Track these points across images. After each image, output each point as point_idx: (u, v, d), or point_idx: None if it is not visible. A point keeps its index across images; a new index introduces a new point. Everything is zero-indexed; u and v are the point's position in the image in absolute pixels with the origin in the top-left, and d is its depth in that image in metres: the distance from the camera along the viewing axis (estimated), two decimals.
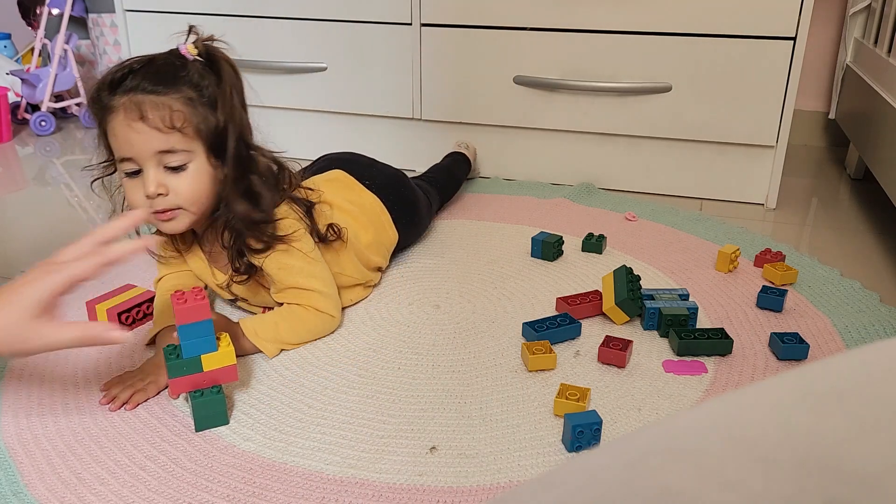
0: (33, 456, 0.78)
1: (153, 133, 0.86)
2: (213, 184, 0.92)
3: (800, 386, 0.25)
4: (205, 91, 0.89)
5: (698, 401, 0.88)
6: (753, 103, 1.48)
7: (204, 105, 0.89)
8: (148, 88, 0.87)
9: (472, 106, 1.67)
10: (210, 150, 0.90)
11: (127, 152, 0.88)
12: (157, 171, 0.88)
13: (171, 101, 0.87)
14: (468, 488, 0.73)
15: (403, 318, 1.06)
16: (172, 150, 0.87)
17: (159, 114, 0.86)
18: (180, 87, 0.88)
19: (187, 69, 0.89)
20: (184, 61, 0.90)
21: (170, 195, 0.89)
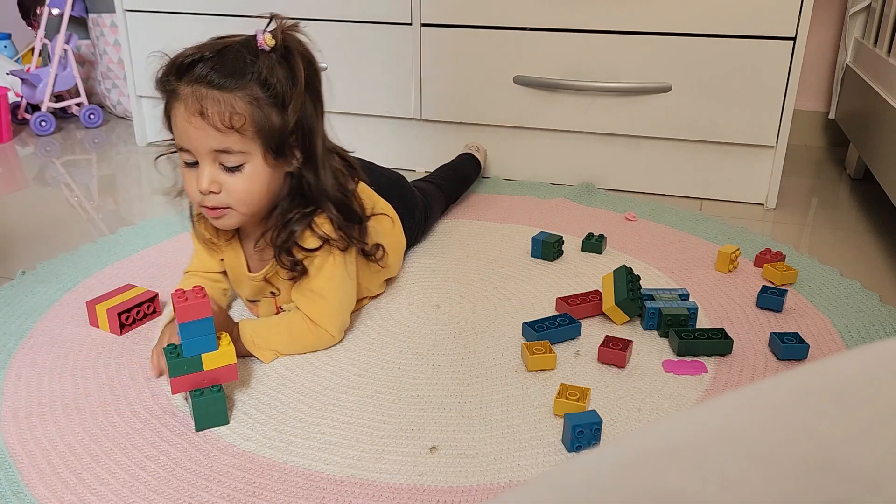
0: (33, 456, 0.78)
1: (211, 131, 0.85)
2: (268, 185, 0.90)
3: (800, 386, 0.25)
4: (274, 89, 0.86)
5: (698, 401, 0.88)
6: (753, 103, 1.48)
7: (269, 104, 0.86)
8: (214, 82, 0.84)
9: (472, 106, 1.67)
10: (270, 151, 0.88)
11: (185, 144, 0.88)
12: (212, 167, 0.87)
13: (234, 99, 0.84)
14: (468, 488, 0.73)
15: (403, 318, 1.06)
16: (229, 150, 0.86)
17: (219, 112, 0.84)
18: (247, 83, 0.85)
19: (258, 63, 0.85)
20: (256, 53, 0.86)
21: (222, 193, 0.88)
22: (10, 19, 2.50)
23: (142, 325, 1.04)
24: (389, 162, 1.78)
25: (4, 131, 2.02)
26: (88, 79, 2.33)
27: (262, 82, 0.85)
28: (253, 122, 0.86)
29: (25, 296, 1.13)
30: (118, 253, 1.28)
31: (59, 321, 1.05)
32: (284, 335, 0.95)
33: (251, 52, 0.86)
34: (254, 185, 0.89)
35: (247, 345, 0.94)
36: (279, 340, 0.95)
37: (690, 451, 0.23)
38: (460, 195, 1.52)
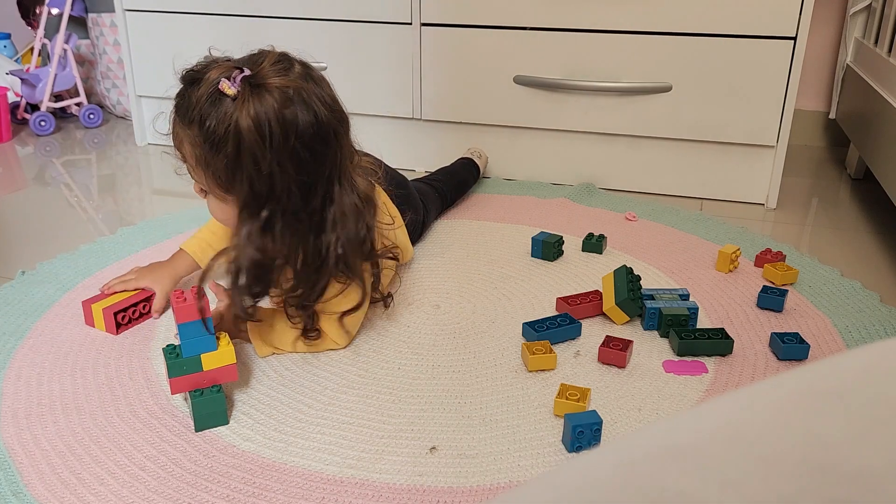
0: (33, 456, 0.77)
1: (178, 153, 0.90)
2: (228, 216, 0.90)
3: (800, 386, 0.25)
4: (213, 137, 0.82)
5: (698, 401, 0.88)
6: (753, 103, 1.48)
7: (209, 152, 0.83)
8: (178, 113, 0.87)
9: (472, 106, 1.67)
10: (219, 188, 0.86)
11: None
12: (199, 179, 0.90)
13: (186, 135, 0.86)
14: (468, 488, 0.73)
15: (403, 318, 1.06)
16: (190, 174, 0.90)
17: (176, 141, 0.88)
18: (192, 125, 0.84)
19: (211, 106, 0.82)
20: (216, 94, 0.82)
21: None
22: (10, 19, 2.50)
23: (138, 325, 1.04)
24: (389, 162, 1.78)
25: (4, 131, 2.02)
26: (88, 79, 2.33)
27: (203, 127, 0.82)
28: (196, 162, 0.86)
29: (25, 296, 1.13)
30: (118, 253, 1.28)
31: (59, 321, 1.05)
32: (293, 338, 0.95)
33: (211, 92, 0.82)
34: (217, 214, 0.91)
35: (251, 334, 0.94)
36: (287, 342, 0.95)
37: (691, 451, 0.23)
38: (457, 199, 1.52)
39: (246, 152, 0.82)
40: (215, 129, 0.82)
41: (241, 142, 0.81)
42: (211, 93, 0.82)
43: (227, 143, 0.82)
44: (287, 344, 0.96)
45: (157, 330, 1.03)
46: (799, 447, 0.21)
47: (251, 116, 0.81)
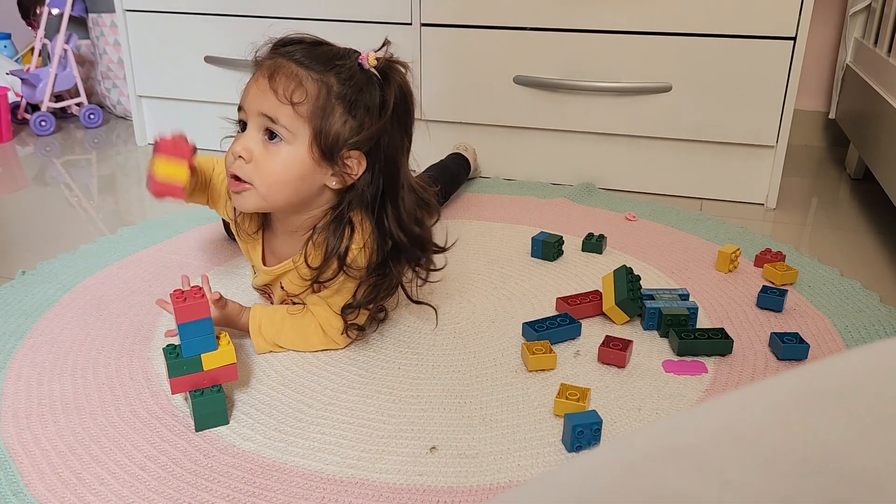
0: (33, 456, 0.77)
1: (269, 95, 0.84)
2: (299, 179, 0.87)
3: (800, 386, 0.25)
4: (350, 92, 0.85)
5: (698, 401, 0.88)
6: (753, 103, 1.48)
7: (339, 102, 0.85)
8: (297, 58, 0.85)
9: (472, 106, 1.67)
10: (317, 144, 0.85)
11: (242, 101, 0.88)
12: (254, 133, 0.86)
13: (307, 77, 0.84)
14: (468, 488, 0.73)
15: (403, 318, 1.06)
16: (276, 120, 0.84)
17: (286, 82, 0.84)
18: (327, 72, 0.84)
19: (346, 65, 0.85)
20: (352, 61, 0.86)
21: (250, 164, 0.86)
22: (10, 19, 2.50)
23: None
24: None
25: (4, 131, 2.02)
26: (88, 79, 2.33)
27: (342, 78, 0.85)
28: (312, 105, 0.84)
29: (25, 296, 1.13)
30: (118, 253, 1.28)
31: (59, 321, 1.05)
32: (294, 335, 0.95)
33: (346, 57, 0.87)
34: (283, 169, 0.86)
35: (252, 329, 0.94)
36: (287, 338, 0.95)
37: (691, 451, 0.23)
38: (451, 194, 1.52)
39: (396, 121, 0.87)
40: (354, 83, 0.85)
41: (391, 111, 0.86)
42: (350, 57, 0.87)
43: (377, 108, 0.86)
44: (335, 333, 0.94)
45: (157, 330, 1.03)
46: (799, 447, 0.21)
47: (402, 86, 0.88)
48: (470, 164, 1.61)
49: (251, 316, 0.96)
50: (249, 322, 0.96)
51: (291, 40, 0.88)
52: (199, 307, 0.79)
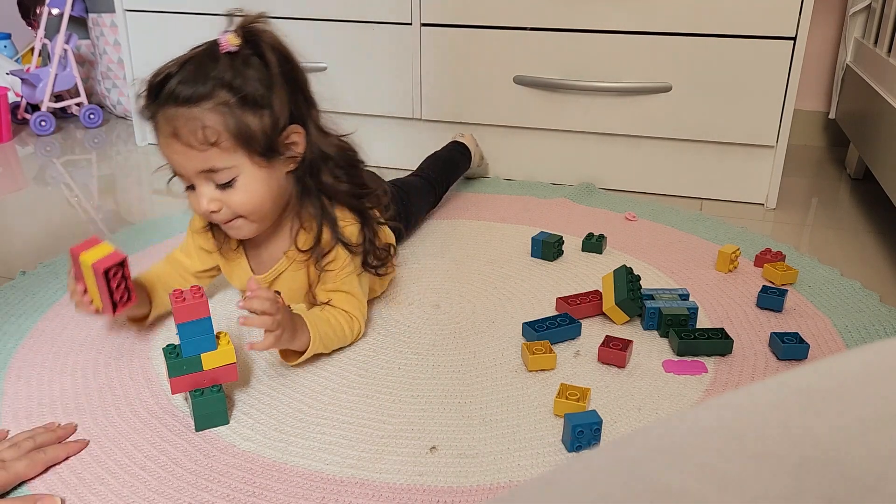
0: None
1: (191, 152, 0.82)
2: (270, 189, 0.88)
3: (800, 386, 0.25)
4: (243, 90, 0.83)
5: (698, 401, 0.88)
6: (753, 103, 1.48)
7: (242, 108, 0.83)
8: (180, 98, 0.82)
9: (472, 106, 1.67)
10: (259, 154, 0.85)
11: (174, 169, 0.87)
12: (207, 187, 0.86)
13: (203, 113, 0.81)
14: (468, 488, 0.73)
15: (403, 318, 1.06)
16: (214, 168, 0.84)
17: (191, 130, 0.81)
18: (213, 92, 0.82)
19: (219, 67, 0.83)
20: (218, 57, 0.83)
21: (224, 209, 0.87)
22: (10, 19, 2.50)
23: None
24: (389, 162, 1.78)
25: (4, 131, 2.02)
26: (88, 79, 2.33)
27: (227, 86, 0.82)
28: (228, 133, 0.83)
29: (25, 296, 1.13)
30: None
31: (59, 321, 1.05)
32: (338, 335, 0.93)
33: (213, 57, 0.83)
34: (253, 195, 0.87)
35: (313, 347, 0.89)
36: (335, 338, 0.93)
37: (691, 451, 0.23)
38: (450, 178, 1.50)
39: (287, 79, 0.85)
40: (239, 77, 0.83)
41: (276, 70, 0.84)
42: (214, 52, 0.84)
43: (268, 81, 0.84)
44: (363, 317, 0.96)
45: (157, 330, 1.02)
46: (798, 446, 0.21)
47: (273, 45, 0.86)
48: (468, 149, 1.57)
49: (309, 323, 0.89)
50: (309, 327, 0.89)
51: (160, 79, 0.84)
52: (199, 307, 0.79)
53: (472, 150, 1.58)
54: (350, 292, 0.96)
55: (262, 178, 0.87)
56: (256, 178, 0.87)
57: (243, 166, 0.85)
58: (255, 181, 0.87)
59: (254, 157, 0.85)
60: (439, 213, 1.46)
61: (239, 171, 0.85)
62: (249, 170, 0.86)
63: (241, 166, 0.85)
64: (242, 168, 0.85)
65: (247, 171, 0.86)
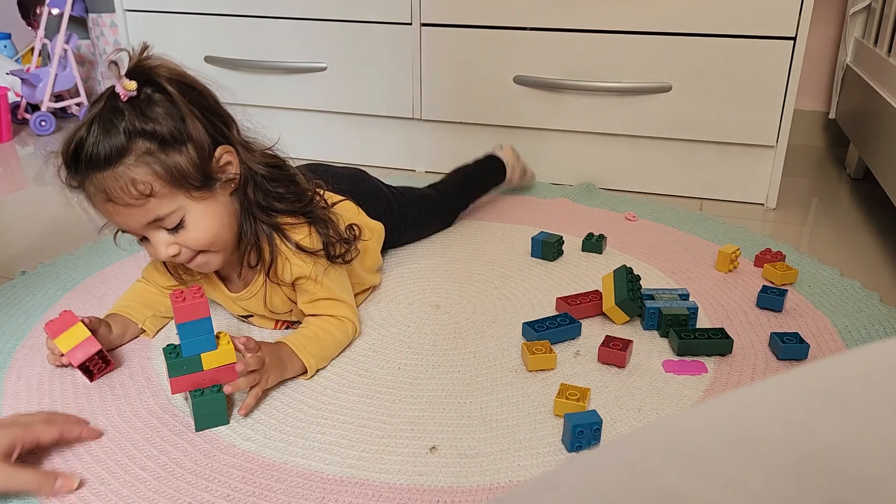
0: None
1: (130, 210, 0.82)
2: (220, 216, 0.87)
3: (800, 386, 0.25)
4: (157, 131, 0.81)
5: (698, 401, 0.88)
6: (753, 103, 1.48)
7: (164, 149, 0.81)
8: (101, 161, 0.80)
9: (472, 106, 1.67)
10: (196, 189, 0.84)
11: (120, 227, 0.87)
12: (159, 234, 0.85)
13: (128, 169, 0.80)
14: (468, 488, 0.73)
15: (403, 318, 1.06)
16: (158, 217, 0.83)
17: (123, 190, 0.80)
18: (130, 144, 0.80)
19: (126, 117, 0.80)
20: (120, 107, 0.81)
21: (183, 250, 0.86)
22: (10, 19, 2.50)
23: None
24: (389, 162, 1.78)
25: (4, 131, 2.02)
26: (88, 79, 2.33)
27: (142, 133, 0.80)
28: (161, 180, 0.81)
29: (25, 296, 1.13)
30: (118, 252, 1.28)
31: None
32: (329, 341, 0.93)
33: (115, 109, 0.81)
34: (207, 229, 0.86)
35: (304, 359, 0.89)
36: (328, 347, 0.93)
37: (691, 451, 0.23)
38: (471, 193, 1.44)
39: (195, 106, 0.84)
40: (150, 121, 0.81)
41: (182, 101, 0.83)
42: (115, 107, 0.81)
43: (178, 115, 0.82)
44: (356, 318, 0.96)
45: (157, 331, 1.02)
46: (799, 447, 0.21)
47: (170, 76, 0.84)
48: (504, 163, 1.51)
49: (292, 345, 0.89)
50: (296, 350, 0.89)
51: (73, 148, 0.82)
52: (199, 307, 0.79)
53: (511, 164, 1.51)
54: (331, 296, 0.95)
55: (209, 210, 0.86)
56: (204, 212, 0.86)
57: (187, 205, 0.84)
58: (203, 215, 0.86)
59: (193, 193, 0.84)
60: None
61: (184, 211, 0.84)
62: (193, 207, 0.85)
63: (185, 206, 0.84)
64: (186, 207, 0.84)
65: (191, 208, 0.85)
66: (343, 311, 0.96)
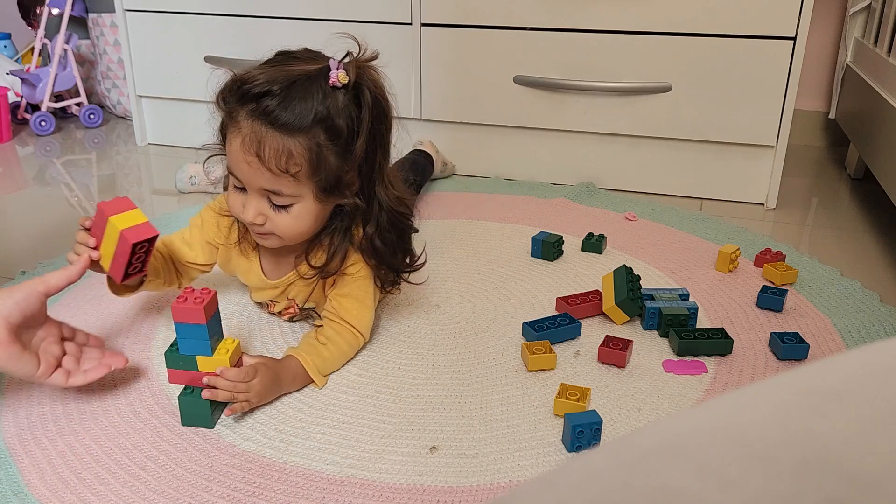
0: (33, 456, 0.78)
1: (264, 171, 0.82)
2: (316, 220, 0.89)
3: (800, 386, 0.25)
4: (338, 132, 0.83)
5: (698, 401, 0.88)
6: (753, 103, 1.48)
7: (331, 151, 0.83)
8: (277, 122, 0.81)
9: (472, 106, 1.67)
10: (322, 191, 0.86)
11: (237, 173, 0.86)
12: (260, 201, 0.86)
13: (295, 144, 0.81)
14: (468, 488, 0.73)
15: (403, 318, 1.06)
16: (279, 192, 0.84)
17: (276, 156, 0.81)
18: (310, 128, 0.82)
19: (326, 103, 0.82)
20: (325, 90, 0.83)
21: (267, 224, 0.87)
22: (10, 19, 2.50)
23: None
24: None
25: (4, 131, 2.02)
26: (88, 79, 2.33)
27: (326, 126, 0.82)
28: (309, 168, 0.83)
29: None
30: None
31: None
32: (337, 355, 0.92)
33: (321, 89, 0.83)
34: (300, 223, 0.88)
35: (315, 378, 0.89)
36: (333, 363, 0.92)
37: (691, 450, 0.23)
38: (423, 181, 1.56)
39: (376, 134, 0.86)
40: (340, 118, 0.83)
41: (370, 124, 0.85)
42: (321, 87, 0.83)
43: (358, 126, 0.84)
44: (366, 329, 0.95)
45: (158, 330, 1.03)
46: (798, 447, 0.21)
47: (376, 95, 0.86)
48: (430, 156, 1.60)
49: (304, 363, 0.88)
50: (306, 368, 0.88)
51: (260, 91, 0.82)
52: (194, 312, 0.78)
53: (434, 156, 1.61)
54: (360, 298, 0.94)
55: (316, 211, 0.88)
56: (310, 210, 0.87)
57: (306, 197, 0.86)
58: (308, 212, 0.87)
59: (318, 192, 0.86)
60: (439, 213, 1.46)
61: (300, 201, 0.86)
62: (309, 202, 0.87)
63: (304, 197, 0.86)
64: (304, 198, 0.86)
65: (307, 202, 0.86)
66: (363, 322, 0.94)
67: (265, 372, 0.83)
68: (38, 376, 0.80)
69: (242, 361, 0.83)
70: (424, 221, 1.41)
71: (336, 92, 0.84)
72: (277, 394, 0.86)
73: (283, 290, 0.98)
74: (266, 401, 0.85)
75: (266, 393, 0.84)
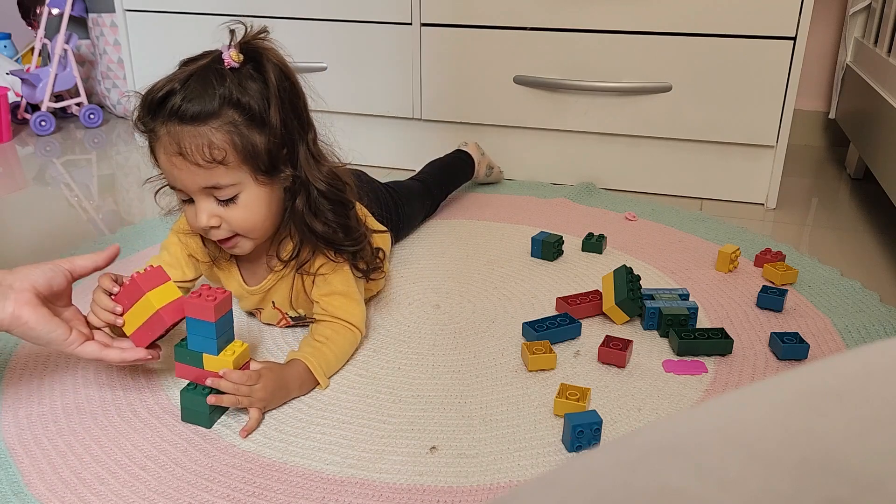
0: (33, 456, 0.78)
1: (195, 169, 0.82)
2: (269, 205, 0.88)
3: (800, 386, 0.25)
4: (249, 108, 0.83)
5: (698, 401, 0.88)
6: (753, 103, 1.48)
7: (248, 126, 0.83)
8: (186, 116, 0.81)
9: (472, 106, 1.67)
10: (262, 172, 0.85)
11: (174, 184, 0.86)
12: (207, 202, 0.85)
13: (211, 131, 0.81)
14: (468, 488, 0.73)
15: (403, 318, 1.06)
16: (218, 185, 0.84)
17: (198, 148, 0.81)
18: (220, 110, 0.82)
19: (227, 83, 0.82)
20: (224, 73, 0.83)
21: (223, 226, 0.87)
22: (10, 19, 2.50)
23: None
24: (389, 162, 1.78)
25: (4, 131, 2.02)
26: (88, 79, 2.33)
27: (235, 104, 0.82)
28: (235, 151, 0.82)
29: None
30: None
31: None
32: (339, 354, 0.92)
33: (218, 74, 0.83)
34: (254, 212, 0.87)
35: (321, 380, 0.88)
36: (335, 363, 0.92)
37: (690, 450, 0.23)
38: (448, 185, 1.49)
39: (286, 99, 0.86)
40: (246, 95, 0.83)
41: (277, 90, 0.84)
42: (219, 66, 0.84)
43: (268, 97, 0.84)
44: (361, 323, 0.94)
45: None
46: (798, 447, 0.21)
47: (276, 62, 0.86)
48: (472, 157, 1.56)
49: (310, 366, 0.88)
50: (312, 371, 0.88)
51: (163, 94, 0.82)
52: (205, 308, 0.79)
53: (477, 159, 1.56)
54: (344, 293, 0.94)
55: (263, 196, 0.87)
56: (258, 196, 0.87)
57: (247, 183, 0.85)
58: (256, 199, 0.87)
59: (257, 175, 0.85)
60: (439, 213, 1.46)
61: (242, 188, 0.85)
62: (252, 187, 0.86)
63: (245, 183, 0.85)
64: (246, 185, 0.85)
65: (250, 188, 0.86)
66: (356, 316, 0.94)
67: (269, 376, 0.83)
68: (69, 343, 0.80)
69: (249, 367, 0.83)
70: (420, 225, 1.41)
71: (235, 72, 0.84)
72: (285, 399, 0.86)
73: (263, 296, 0.98)
74: (273, 406, 0.85)
75: (271, 398, 0.84)
